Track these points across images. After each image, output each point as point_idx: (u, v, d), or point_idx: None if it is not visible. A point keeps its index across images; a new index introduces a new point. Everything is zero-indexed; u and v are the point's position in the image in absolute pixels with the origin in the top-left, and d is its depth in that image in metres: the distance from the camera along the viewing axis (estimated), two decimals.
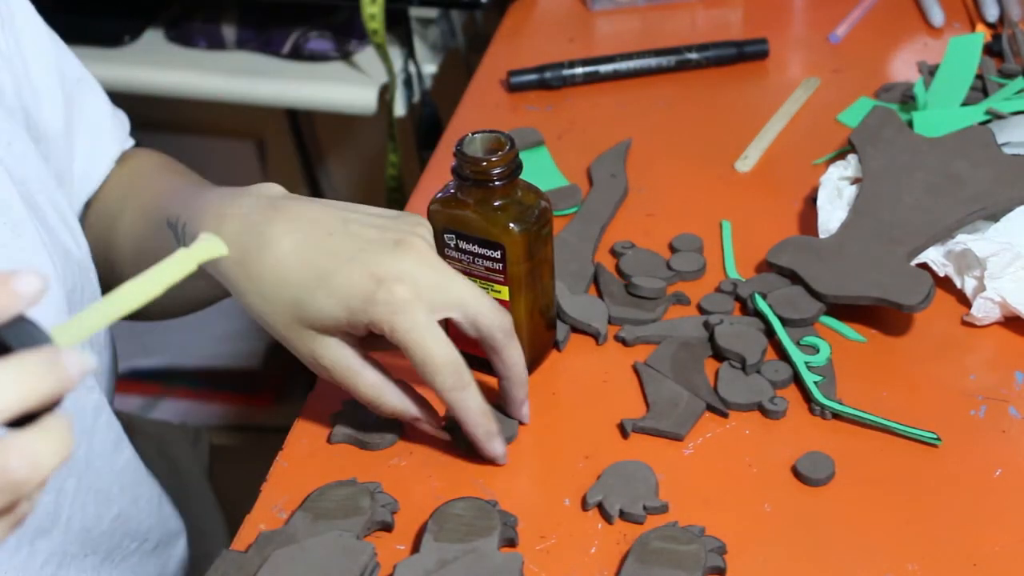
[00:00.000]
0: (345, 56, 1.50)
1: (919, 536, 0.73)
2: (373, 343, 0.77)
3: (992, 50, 1.16)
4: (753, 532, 0.74)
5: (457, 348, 0.75)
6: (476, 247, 0.81)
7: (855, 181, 0.97)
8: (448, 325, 0.76)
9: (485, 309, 0.75)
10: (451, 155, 0.81)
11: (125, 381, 1.70)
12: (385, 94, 1.47)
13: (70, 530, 0.83)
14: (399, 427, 0.82)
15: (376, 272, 0.73)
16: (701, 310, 0.90)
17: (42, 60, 0.88)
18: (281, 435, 0.83)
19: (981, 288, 0.87)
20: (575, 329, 0.89)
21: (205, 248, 0.60)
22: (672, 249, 0.96)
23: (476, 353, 0.85)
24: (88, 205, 0.95)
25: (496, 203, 0.80)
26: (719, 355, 0.85)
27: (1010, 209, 0.90)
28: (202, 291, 0.87)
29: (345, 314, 0.74)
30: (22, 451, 0.47)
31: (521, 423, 0.82)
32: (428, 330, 0.73)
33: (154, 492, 0.95)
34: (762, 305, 0.88)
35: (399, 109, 1.48)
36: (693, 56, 1.21)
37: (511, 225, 0.79)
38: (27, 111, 0.87)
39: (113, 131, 0.96)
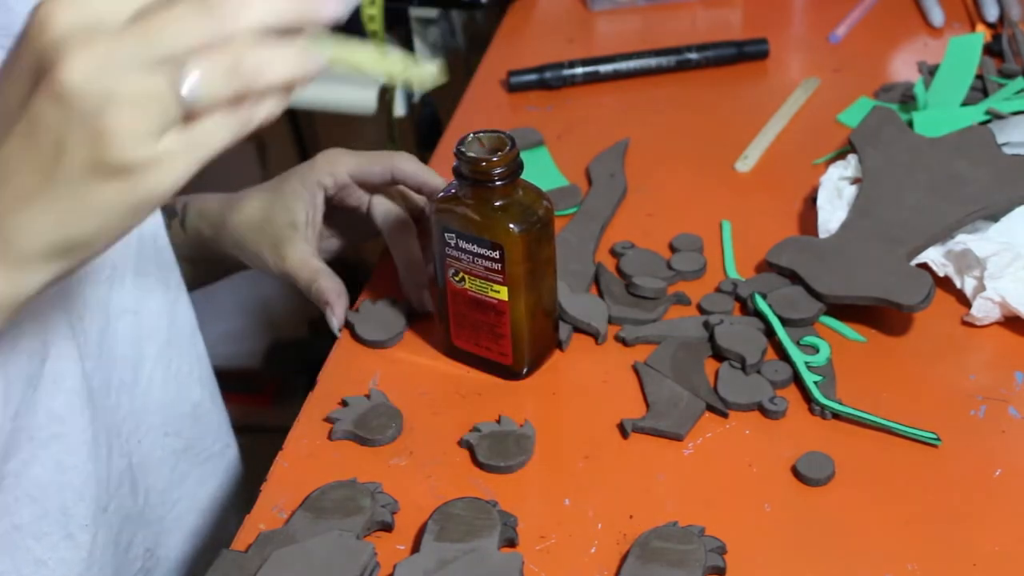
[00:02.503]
0: None
1: (919, 536, 0.73)
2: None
3: (992, 50, 1.16)
4: (753, 532, 0.74)
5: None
6: (476, 247, 0.81)
7: (855, 181, 0.97)
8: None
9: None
10: (451, 155, 0.81)
11: None
12: (385, 94, 1.47)
13: (150, 396, 0.89)
14: (399, 423, 0.82)
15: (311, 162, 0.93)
16: (701, 310, 0.90)
17: None
18: (281, 435, 0.83)
19: (981, 288, 0.87)
20: (576, 329, 0.89)
21: (427, 72, 0.61)
22: (672, 249, 0.96)
23: (477, 353, 0.86)
24: None
25: (496, 203, 0.80)
26: (719, 355, 0.85)
27: (1010, 209, 0.90)
28: (188, 277, 0.95)
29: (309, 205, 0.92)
30: (257, 48, 0.53)
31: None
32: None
33: (225, 409, 1.02)
34: (762, 305, 0.88)
35: (399, 109, 1.48)
36: (693, 56, 1.21)
37: (511, 226, 0.79)
38: None
39: None
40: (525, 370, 0.85)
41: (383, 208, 0.91)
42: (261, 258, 0.92)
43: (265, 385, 1.86)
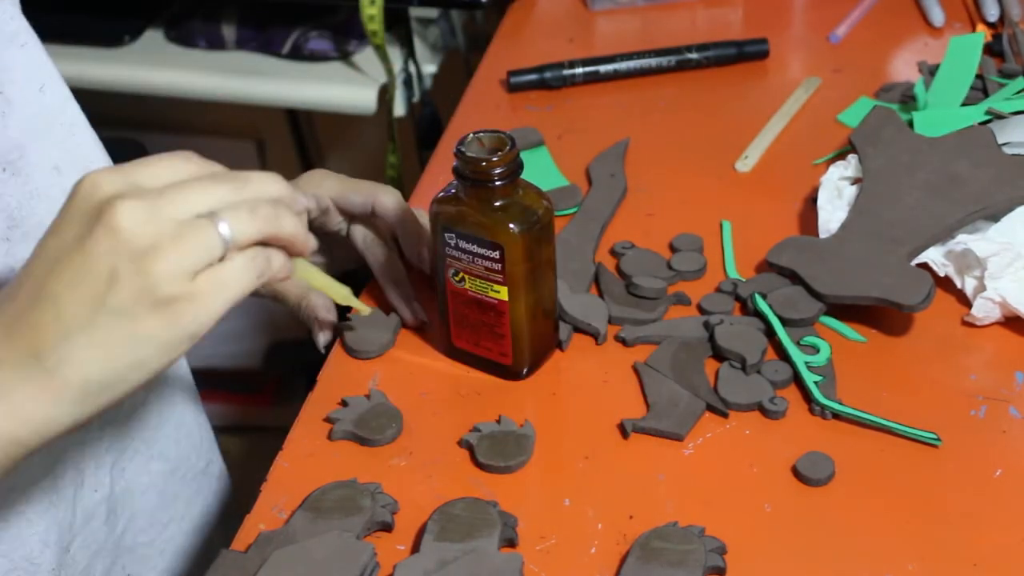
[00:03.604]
0: (345, 56, 1.50)
1: (919, 536, 0.73)
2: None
3: (992, 50, 1.16)
4: (753, 532, 0.74)
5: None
6: (476, 247, 0.81)
7: (855, 181, 0.97)
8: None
9: None
10: (451, 155, 0.81)
11: None
12: (385, 94, 1.47)
13: (134, 421, 0.89)
14: (399, 423, 0.82)
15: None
16: (701, 310, 0.90)
17: None
18: (281, 435, 0.83)
19: (981, 288, 0.87)
20: (576, 329, 0.89)
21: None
22: (672, 249, 0.96)
23: (477, 353, 0.86)
24: None
25: (496, 203, 0.80)
26: (719, 355, 0.85)
27: (1010, 209, 0.90)
28: None
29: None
30: (271, 205, 0.63)
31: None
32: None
33: (208, 425, 1.01)
34: (762, 305, 0.88)
35: (399, 109, 1.48)
36: (693, 56, 1.21)
37: (511, 226, 0.79)
38: None
39: None
40: (525, 370, 0.85)
41: (362, 231, 0.91)
42: None
43: (265, 385, 1.86)
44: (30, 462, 0.80)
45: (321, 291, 0.78)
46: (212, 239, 0.60)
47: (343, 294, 0.77)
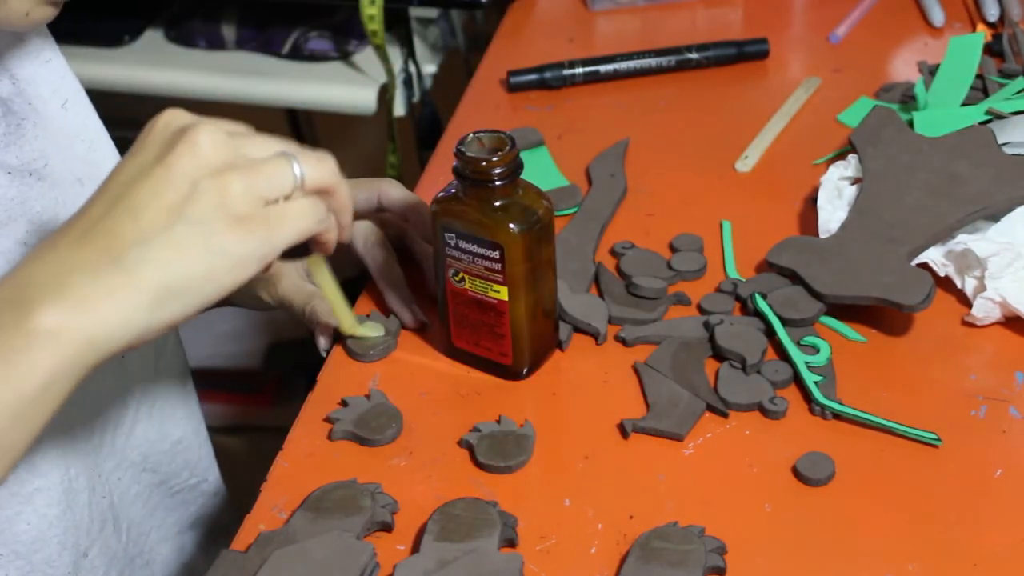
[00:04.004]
0: (345, 56, 1.50)
1: (919, 536, 0.73)
2: None
3: (992, 50, 1.16)
4: (753, 532, 0.74)
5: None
6: (476, 247, 0.81)
7: (855, 181, 0.97)
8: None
9: None
10: (451, 155, 0.81)
11: None
12: (385, 94, 1.47)
13: (133, 435, 0.91)
14: (399, 423, 0.82)
15: None
16: (701, 310, 0.90)
17: None
18: (281, 435, 0.83)
19: (981, 288, 0.87)
20: (576, 329, 0.89)
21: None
22: (672, 249, 0.96)
23: (477, 353, 0.86)
24: None
25: (496, 203, 0.80)
26: (719, 355, 0.85)
27: (1010, 209, 0.90)
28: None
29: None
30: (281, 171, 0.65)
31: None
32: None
33: (209, 442, 1.02)
34: (762, 305, 0.88)
35: (399, 109, 1.48)
36: (693, 56, 1.21)
37: (511, 226, 0.79)
38: None
39: None
40: (525, 370, 0.85)
41: (362, 234, 0.91)
42: (253, 292, 0.92)
43: (265, 385, 1.86)
44: (47, 459, 0.80)
45: (327, 300, 0.81)
46: (286, 173, 0.64)
47: (349, 322, 0.82)
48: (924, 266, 0.89)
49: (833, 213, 0.94)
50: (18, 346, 0.59)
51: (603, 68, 1.20)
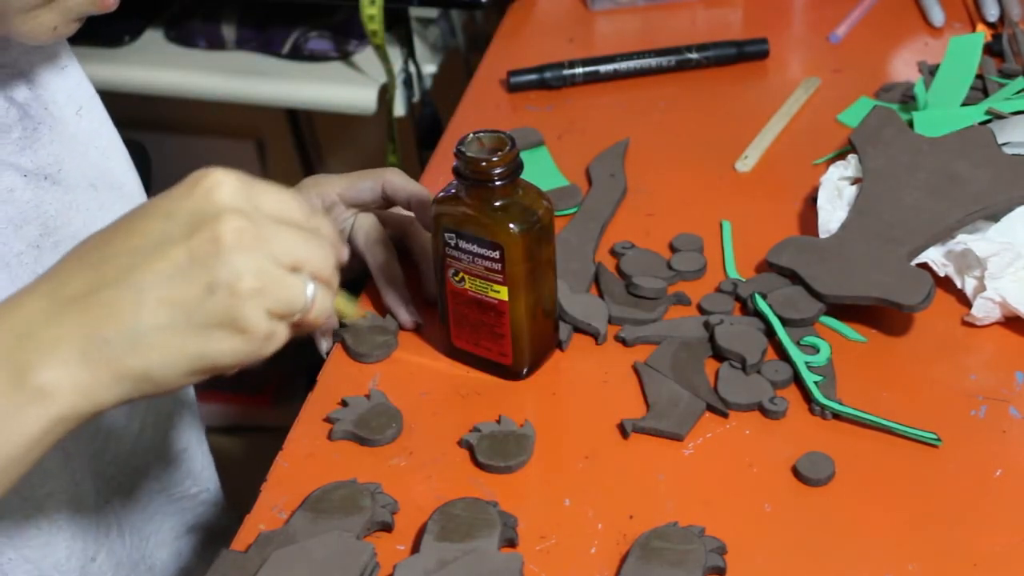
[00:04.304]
0: (345, 56, 1.50)
1: (919, 536, 0.73)
2: None
3: (992, 50, 1.16)
4: (753, 532, 0.74)
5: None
6: (476, 247, 0.81)
7: (855, 181, 0.97)
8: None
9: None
10: (451, 155, 0.81)
11: None
12: (385, 94, 1.47)
13: (140, 441, 0.91)
14: (399, 423, 0.82)
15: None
16: (701, 310, 0.90)
17: None
18: (281, 435, 0.83)
19: (981, 288, 0.87)
20: (576, 329, 0.89)
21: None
22: (672, 249, 0.96)
23: (477, 353, 0.86)
24: None
25: (496, 203, 0.80)
26: (719, 355, 0.85)
27: (1010, 209, 0.90)
28: None
29: None
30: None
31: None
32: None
33: (210, 452, 1.03)
34: (762, 305, 0.88)
35: (399, 109, 1.48)
36: (693, 56, 1.21)
37: (511, 226, 0.79)
38: None
39: None
40: (525, 370, 0.85)
41: (363, 230, 0.91)
42: None
43: (265, 385, 1.86)
44: (58, 463, 0.81)
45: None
46: (299, 296, 0.63)
47: (351, 310, 0.79)
48: (924, 266, 0.89)
49: (833, 213, 0.94)
50: (18, 402, 0.59)
51: (603, 68, 1.20)
